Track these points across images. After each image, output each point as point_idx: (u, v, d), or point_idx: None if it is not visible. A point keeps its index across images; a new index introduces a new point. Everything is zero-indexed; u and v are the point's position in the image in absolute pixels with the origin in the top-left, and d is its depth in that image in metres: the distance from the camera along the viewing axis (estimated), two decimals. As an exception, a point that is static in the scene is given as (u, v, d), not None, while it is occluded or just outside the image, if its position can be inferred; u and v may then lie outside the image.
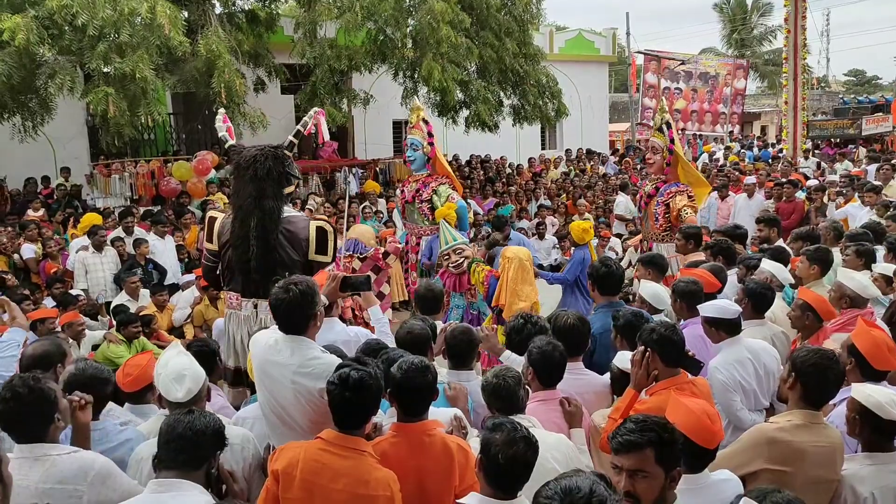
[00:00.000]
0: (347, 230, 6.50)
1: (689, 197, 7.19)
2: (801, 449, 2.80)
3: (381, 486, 2.57)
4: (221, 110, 5.67)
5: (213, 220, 5.14)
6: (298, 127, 5.13)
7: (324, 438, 2.67)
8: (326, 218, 5.13)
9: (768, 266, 4.86)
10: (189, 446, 2.48)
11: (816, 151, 21.33)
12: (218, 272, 5.17)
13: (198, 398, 3.03)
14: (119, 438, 3.05)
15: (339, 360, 2.94)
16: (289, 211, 4.94)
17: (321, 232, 4.76)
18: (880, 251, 5.76)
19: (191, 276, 8.89)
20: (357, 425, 2.68)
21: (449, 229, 6.23)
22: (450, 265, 5.99)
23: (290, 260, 4.74)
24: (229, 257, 4.91)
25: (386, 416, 3.19)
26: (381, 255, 6.15)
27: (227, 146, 5.25)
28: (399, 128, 19.34)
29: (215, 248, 5.06)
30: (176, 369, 3.01)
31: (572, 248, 7.25)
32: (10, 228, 9.55)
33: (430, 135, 8.00)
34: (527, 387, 3.24)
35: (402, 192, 8.21)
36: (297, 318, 3.07)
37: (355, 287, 3.90)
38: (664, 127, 7.23)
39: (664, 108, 7.56)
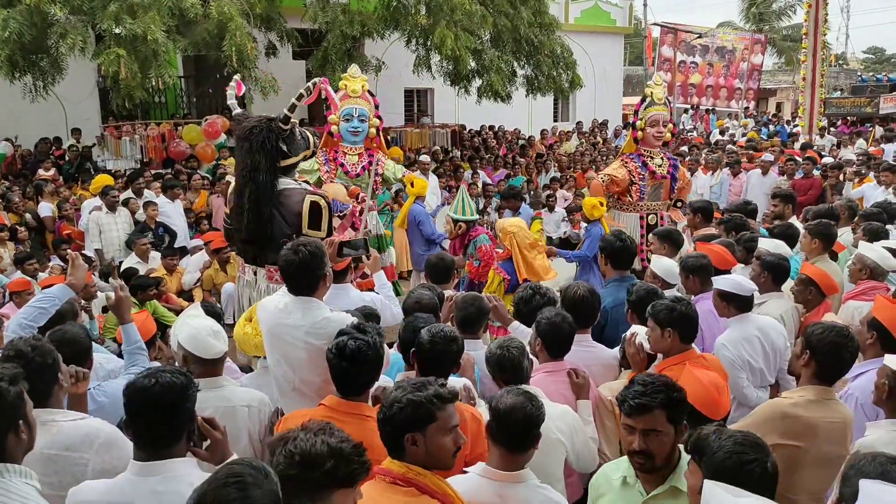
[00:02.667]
0: (371, 197, 6.60)
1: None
2: (813, 424, 2.82)
3: (385, 450, 2.60)
4: (237, 76, 5.61)
5: (228, 184, 5.18)
6: (293, 100, 5.04)
7: (326, 405, 2.72)
8: (322, 193, 5.02)
9: (765, 244, 4.84)
10: (162, 416, 2.21)
11: (832, 129, 21.08)
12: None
13: (221, 360, 3.08)
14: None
15: (351, 319, 2.96)
16: (287, 183, 4.85)
17: (315, 207, 4.72)
18: (893, 231, 5.72)
19: (199, 241, 8.93)
20: (357, 392, 2.72)
21: (468, 200, 6.22)
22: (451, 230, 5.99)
23: (282, 233, 4.72)
24: (234, 224, 4.96)
25: (396, 378, 3.21)
26: (357, 212, 6.09)
27: (233, 114, 5.21)
28: (411, 96, 19.21)
29: (227, 212, 5.17)
30: (211, 327, 3.04)
31: (582, 223, 7.23)
32: (18, 189, 9.62)
33: (377, 107, 7.64)
34: (532, 357, 3.24)
35: (342, 164, 7.44)
36: (307, 279, 3.09)
37: (353, 252, 3.90)
38: (668, 100, 7.22)
39: (663, 83, 7.55)
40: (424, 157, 11.97)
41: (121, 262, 8.21)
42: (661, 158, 7.22)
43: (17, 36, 9.00)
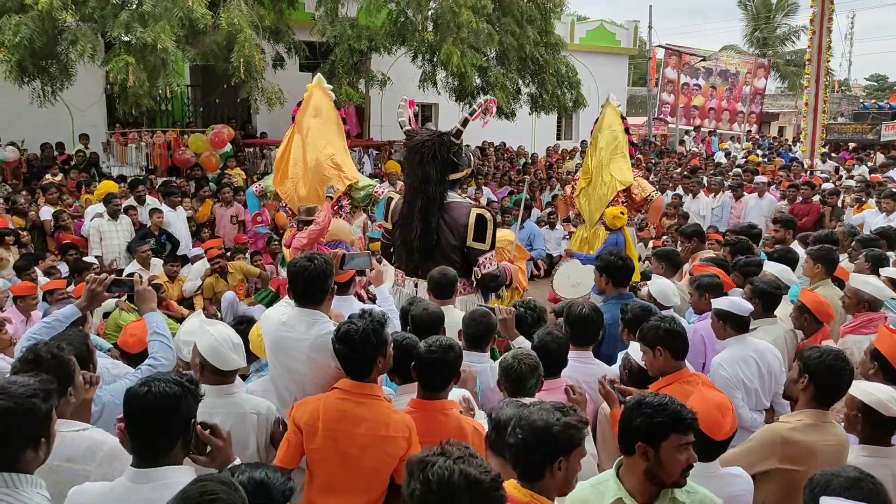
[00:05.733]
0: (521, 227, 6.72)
1: None
2: (812, 448, 2.84)
3: (401, 427, 2.73)
4: (405, 98, 5.85)
5: (390, 200, 5.51)
6: (466, 115, 5.28)
7: (340, 388, 2.81)
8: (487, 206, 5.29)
9: (771, 268, 4.86)
10: (155, 424, 2.21)
11: (833, 155, 21.18)
12: (392, 250, 5.51)
13: (237, 370, 3.07)
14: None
15: None
16: (453, 197, 5.12)
17: (480, 219, 4.96)
18: (892, 257, 5.73)
19: (199, 250, 8.97)
20: (362, 374, 2.79)
21: None
22: None
23: (448, 244, 4.99)
24: (397, 236, 5.25)
25: (396, 393, 3.23)
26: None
27: (404, 129, 5.51)
28: (415, 111, 19.30)
29: (389, 227, 5.42)
30: (231, 338, 2.99)
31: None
32: (26, 193, 9.67)
33: (344, 122, 7.57)
34: (542, 377, 3.24)
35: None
36: (317, 289, 3.10)
37: (356, 266, 3.93)
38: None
39: (614, 102, 7.74)
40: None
41: (122, 269, 8.24)
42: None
43: (28, 42, 9.07)
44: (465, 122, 5.17)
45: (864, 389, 2.80)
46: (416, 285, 5.12)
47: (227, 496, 1.76)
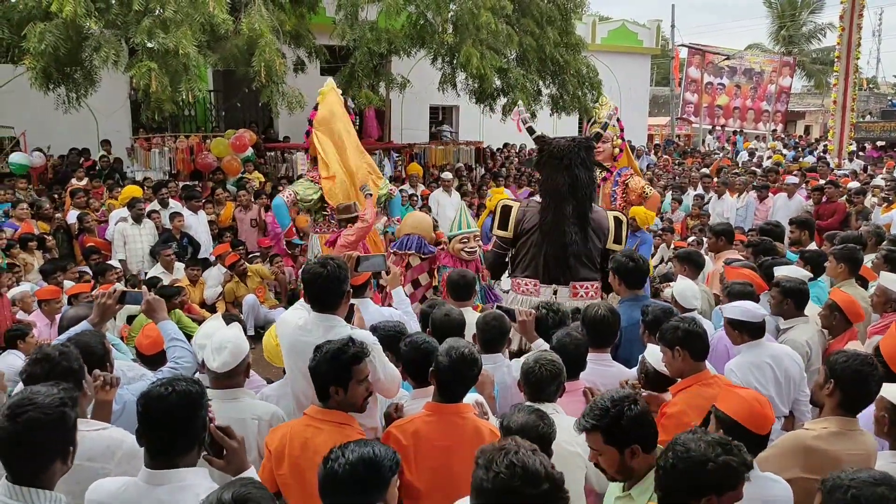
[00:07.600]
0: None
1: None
2: (837, 457, 2.74)
3: None
4: (521, 102, 6.03)
5: (508, 207, 5.44)
6: (605, 120, 5.36)
7: (308, 414, 2.77)
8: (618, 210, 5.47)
9: (782, 271, 4.78)
10: (178, 424, 2.23)
11: (860, 153, 20.80)
12: (507, 259, 5.50)
13: (234, 373, 3.03)
14: None
15: (372, 338, 2.97)
16: None
17: (618, 222, 5.05)
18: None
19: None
20: (321, 398, 2.74)
21: (467, 214, 6.21)
22: (465, 249, 5.92)
23: (595, 248, 5.04)
24: (530, 244, 5.19)
25: (409, 397, 3.21)
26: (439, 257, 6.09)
27: (534, 137, 5.53)
28: (436, 113, 19.31)
29: (510, 236, 5.37)
30: (220, 340, 3.01)
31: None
32: (57, 196, 9.82)
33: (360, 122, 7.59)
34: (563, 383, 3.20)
35: None
36: (332, 294, 3.08)
37: (371, 267, 3.90)
38: (615, 121, 7.34)
39: (609, 104, 7.59)
40: (447, 175, 12.00)
41: (146, 273, 8.33)
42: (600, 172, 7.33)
43: (53, 49, 9.19)
44: (605, 127, 5.44)
45: (894, 391, 2.71)
46: (555, 292, 5.11)
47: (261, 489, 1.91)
